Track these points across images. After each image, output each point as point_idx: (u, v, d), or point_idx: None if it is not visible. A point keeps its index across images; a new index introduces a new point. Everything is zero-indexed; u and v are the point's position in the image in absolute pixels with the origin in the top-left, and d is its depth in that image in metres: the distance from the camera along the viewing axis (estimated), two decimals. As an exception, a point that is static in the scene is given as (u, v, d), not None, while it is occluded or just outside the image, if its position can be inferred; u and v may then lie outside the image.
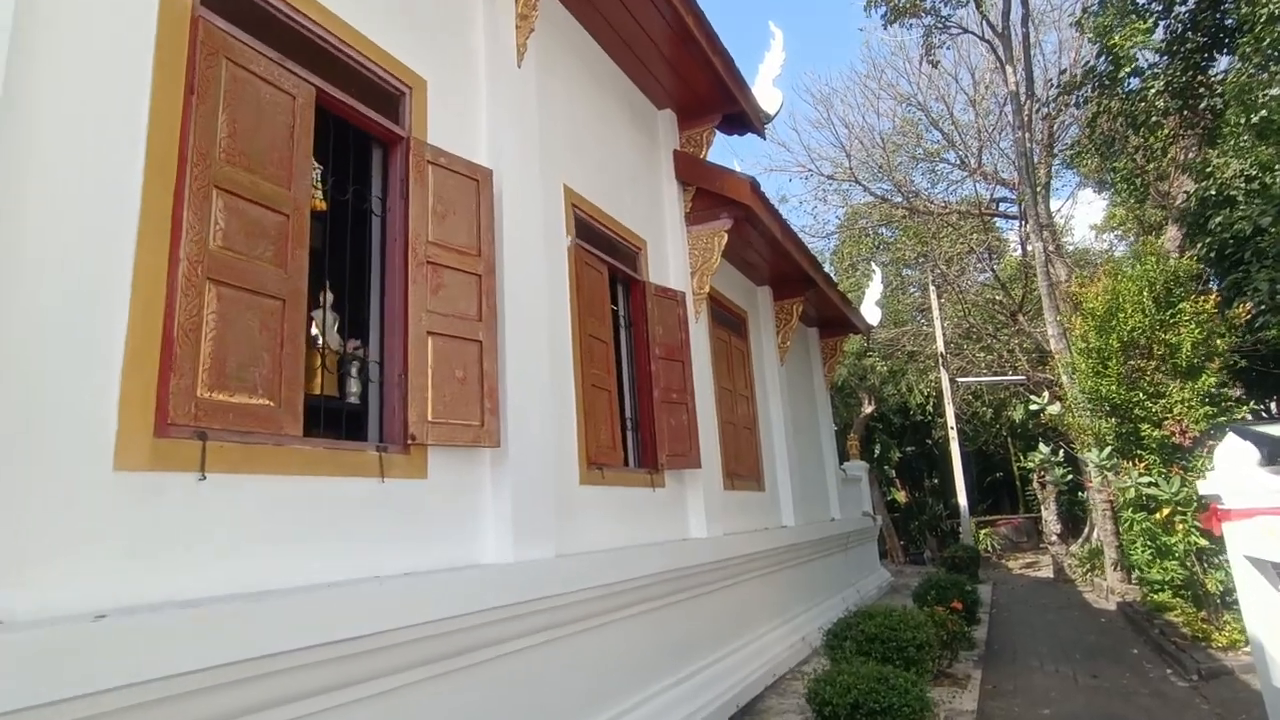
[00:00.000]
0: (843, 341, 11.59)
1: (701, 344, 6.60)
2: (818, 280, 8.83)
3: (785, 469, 8.56)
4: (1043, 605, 10.19)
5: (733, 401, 7.60)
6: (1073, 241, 22.75)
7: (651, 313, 5.87)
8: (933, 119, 18.47)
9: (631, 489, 5.20)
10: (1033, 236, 10.78)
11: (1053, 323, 10.27)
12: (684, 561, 5.27)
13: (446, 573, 3.20)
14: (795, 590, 7.98)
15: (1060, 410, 7.22)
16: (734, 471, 7.22)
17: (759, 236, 7.30)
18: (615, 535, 4.83)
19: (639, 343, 5.88)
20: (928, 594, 7.22)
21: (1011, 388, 17.85)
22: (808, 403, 10.73)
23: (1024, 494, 22.71)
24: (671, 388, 5.86)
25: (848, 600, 9.67)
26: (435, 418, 3.40)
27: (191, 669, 2.04)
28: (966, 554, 11.10)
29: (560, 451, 4.41)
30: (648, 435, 5.68)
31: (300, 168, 3.01)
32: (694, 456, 5.90)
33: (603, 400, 5.06)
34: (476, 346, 3.70)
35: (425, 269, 3.53)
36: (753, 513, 7.49)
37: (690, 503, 6.03)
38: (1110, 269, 10.75)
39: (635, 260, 5.99)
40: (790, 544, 7.86)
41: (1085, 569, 11.69)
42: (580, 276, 5.00)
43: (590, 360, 4.97)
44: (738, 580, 6.39)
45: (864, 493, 13.02)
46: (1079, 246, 23.26)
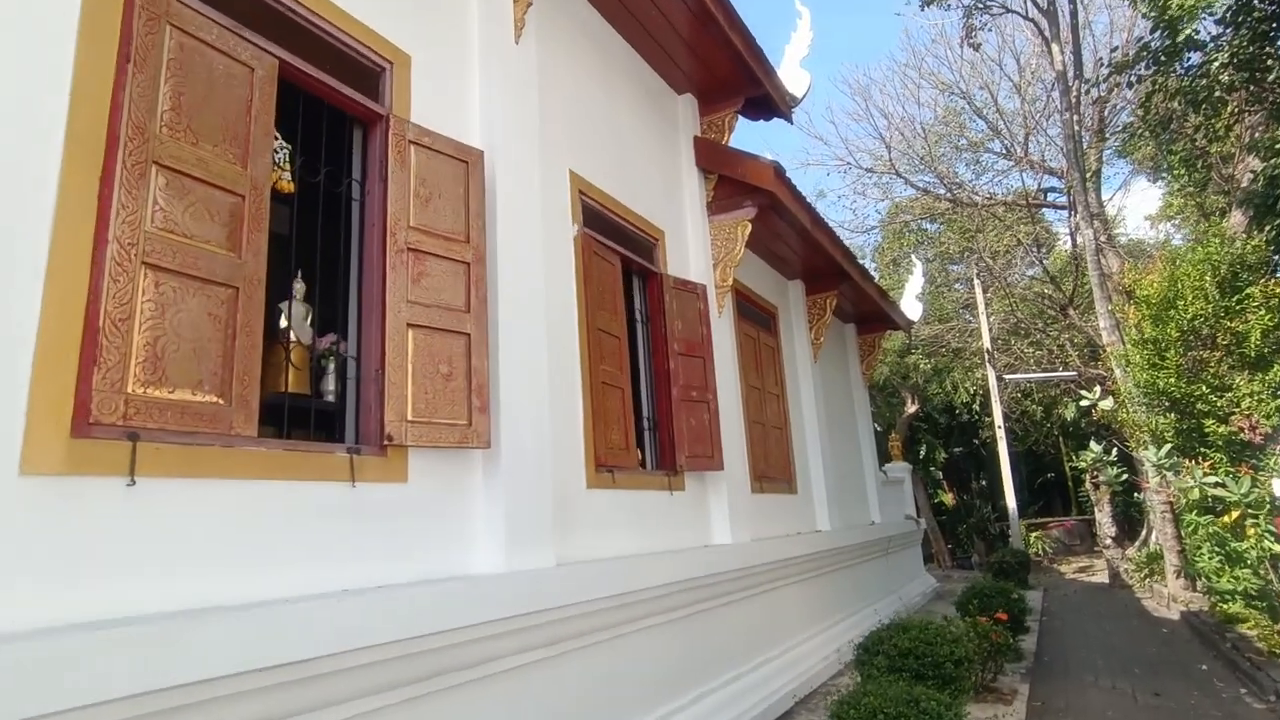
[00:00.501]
0: (881, 338, 11.09)
1: (725, 339, 6.25)
2: (852, 273, 8.40)
3: (820, 471, 8.15)
4: (1097, 613, 9.55)
5: (761, 400, 7.22)
6: (1125, 233, 21.71)
7: (669, 306, 5.54)
8: (976, 108, 17.76)
9: (646, 493, 4.88)
10: (1082, 225, 10.14)
11: (1104, 314, 9.64)
12: (705, 570, 4.93)
13: (424, 585, 2.92)
14: (831, 598, 7.56)
15: (1113, 406, 6.68)
16: (763, 474, 6.84)
17: (786, 226, 6.92)
18: (628, 542, 4.52)
19: (656, 338, 5.56)
20: (970, 602, 6.74)
21: (1062, 385, 17.02)
22: (844, 402, 10.27)
23: (1077, 495, 21.72)
24: (692, 385, 5.52)
25: (889, 608, 9.19)
26: (416, 417, 3.14)
27: (93, 701, 1.79)
28: (1015, 559, 10.49)
29: (564, 453, 4.12)
30: (666, 436, 5.36)
31: (259, 145, 2.77)
32: (716, 458, 5.56)
33: (614, 399, 4.75)
34: (464, 340, 3.43)
35: (405, 256, 3.27)
36: (784, 517, 7.10)
37: (713, 507, 5.68)
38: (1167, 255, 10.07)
39: (651, 251, 5.67)
40: (825, 549, 7.45)
41: (1143, 574, 10.97)
42: (588, 267, 4.70)
43: (600, 356, 4.67)
44: (767, 588, 6.02)
45: (907, 495, 12.48)
46: (1132, 238, 22.19)
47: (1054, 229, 21.55)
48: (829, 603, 7.45)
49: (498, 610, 3.15)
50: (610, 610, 3.91)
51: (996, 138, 17.19)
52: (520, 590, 3.31)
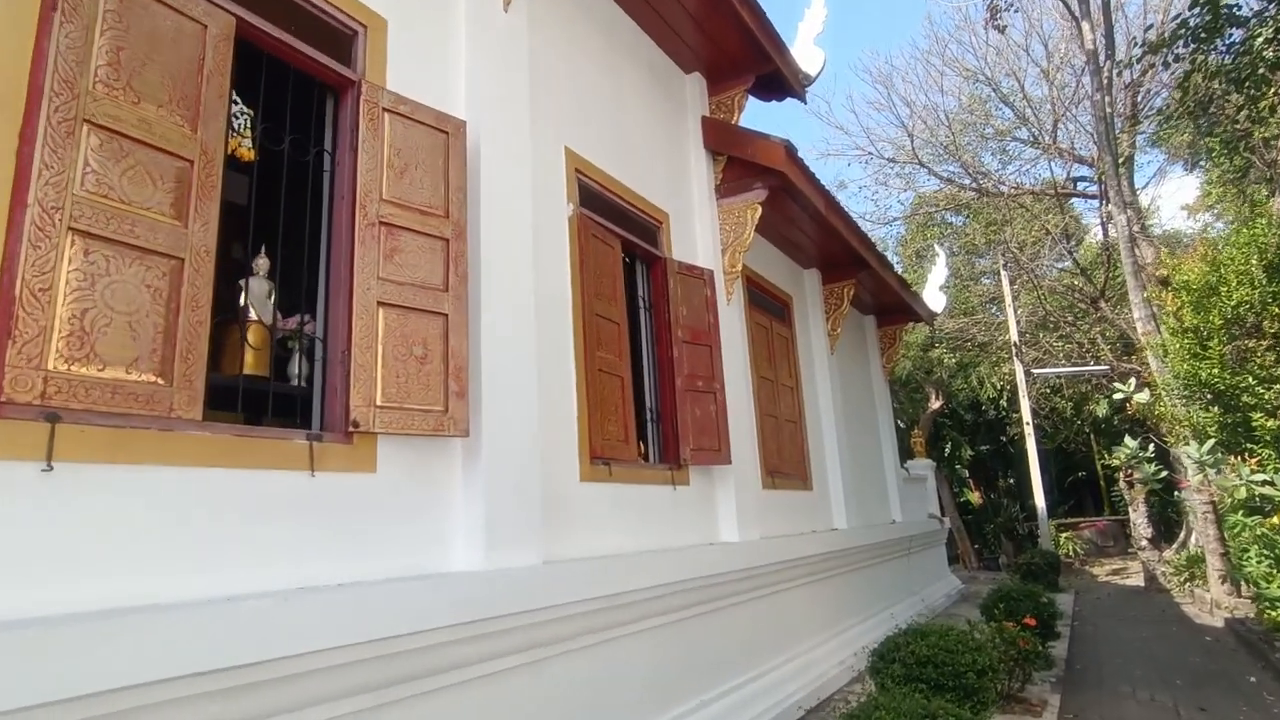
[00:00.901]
0: (903, 330, 10.72)
1: (735, 328, 5.97)
2: (870, 261, 8.07)
3: (837, 467, 7.84)
4: (1133, 618, 9.11)
5: (774, 392, 6.94)
6: (1160, 223, 21.01)
7: (674, 292, 5.29)
8: (1002, 95, 17.24)
9: (647, 487, 4.63)
10: (1115, 211, 9.69)
11: (1139, 303, 9.18)
12: (709, 569, 4.68)
13: (392, 583, 2.71)
14: (847, 600, 7.25)
15: (1150, 399, 6.28)
16: (775, 469, 6.56)
17: (800, 210, 6.62)
18: (625, 539, 4.28)
19: (660, 325, 5.30)
20: (996, 606, 6.40)
21: (1094, 380, 16.46)
22: (864, 396, 9.93)
23: (1109, 494, 21.06)
24: (697, 375, 5.26)
25: (910, 610, 8.85)
26: (386, 402, 2.92)
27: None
28: (1044, 560, 10.07)
29: (555, 444, 3.89)
30: (669, 428, 5.11)
31: (212, 108, 2.57)
32: (723, 452, 5.29)
33: (613, 388, 4.51)
34: (441, 321, 3.20)
35: (377, 230, 3.05)
36: (797, 514, 6.81)
37: (720, 503, 5.42)
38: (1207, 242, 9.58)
39: (655, 235, 5.42)
40: (841, 549, 7.15)
41: (1182, 578, 10.48)
42: (585, 249, 4.46)
43: (597, 343, 4.43)
44: (777, 589, 5.74)
45: (930, 493, 12.09)
46: (1168, 229, 21.47)
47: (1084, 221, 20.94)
48: (844, 605, 7.14)
49: (473, 611, 2.93)
50: (602, 612, 3.67)
51: (1024, 125, 16.66)
52: (499, 590, 3.08)
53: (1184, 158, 19.71)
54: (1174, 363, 6.25)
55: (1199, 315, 5.96)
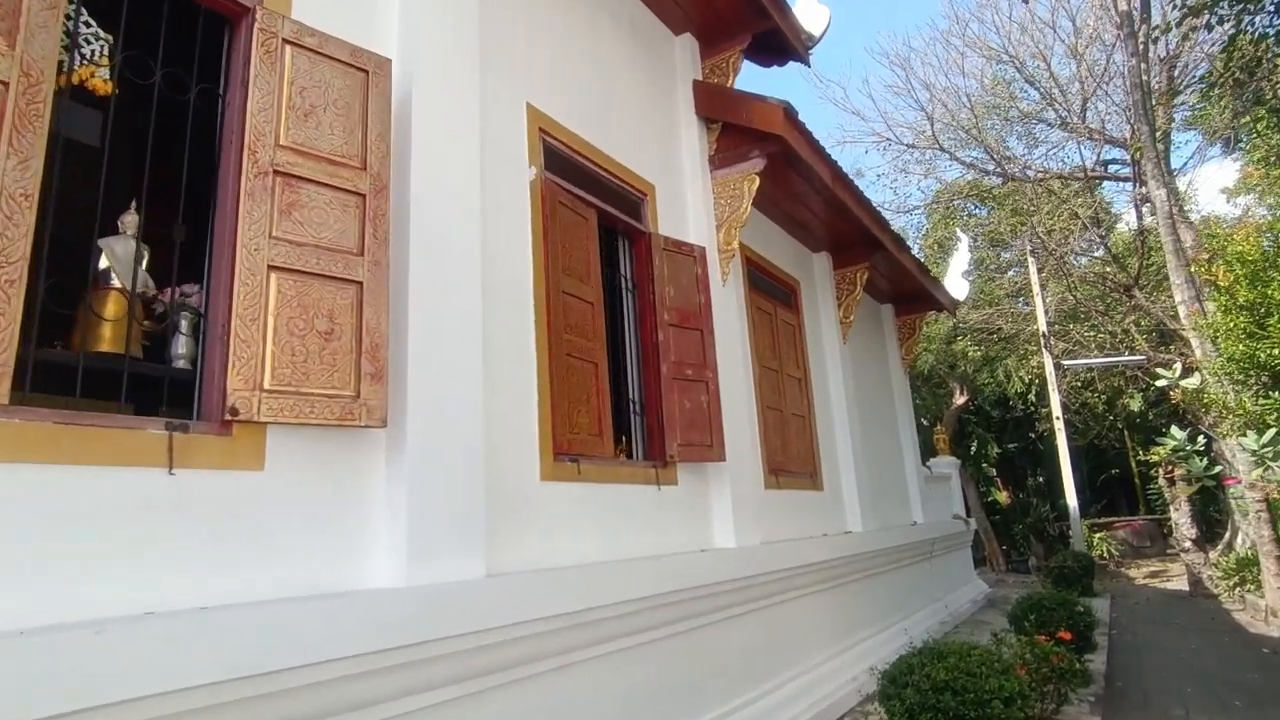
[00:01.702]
0: (922, 320, 10.07)
1: (731, 311, 5.42)
2: (884, 241, 7.46)
3: (850, 464, 7.24)
4: (1178, 627, 8.39)
5: (779, 383, 6.36)
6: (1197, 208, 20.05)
7: (660, 270, 4.75)
8: (1027, 75, 16.45)
9: (625, 487, 4.09)
10: (1152, 185, 8.97)
11: (1180, 284, 8.46)
12: (699, 579, 4.13)
13: (275, 605, 2.20)
14: (862, 609, 6.65)
15: (1200, 384, 5.64)
16: (780, 467, 5.99)
17: (803, 183, 6.05)
18: (596, 546, 3.74)
19: (644, 307, 4.77)
20: (1027, 616, 5.77)
21: (1127, 372, 15.62)
22: (881, 389, 9.31)
23: (1145, 493, 20.11)
24: (686, 362, 4.72)
25: (932, 618, 8.22)
26: (277, 385, 2.41)
27: None
28: (1078, 563, 9.36)
29: (508, 438, 3.37)
30: (654, 421, 4.57)
31: (37, 21, 2.08)
32: (716, 447, 4.74)
33: (584, 376, 3.98)
34: (354, 290, 2.69)
35: (270, 180, 2.55)
36: (806, 516, 6.23)
37: (715, 505, 4.87)
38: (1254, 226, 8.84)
39: (639, 208, 4.88)
40: (855, 553, 6.55)
41: (1231, 582, 9.71)
42: (550, 218, 3.93)
43: (566, 324, 3.91)
44: (781, 600, 5.17)
45: (954, 493, 11.41)
46: (1205, 214, 20.50)
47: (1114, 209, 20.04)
48: (858, 615, 6.54)
49: (390, 636, 2.42)
50: (562, 633, 3.14)
51: (1050, 106, 15.86)
52: (426, 610, 2.57)
53: (1223, 137, 18.78)
54: (1226, 344, 5.59)
55: (1255, 290, 5.31)
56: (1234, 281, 5.51)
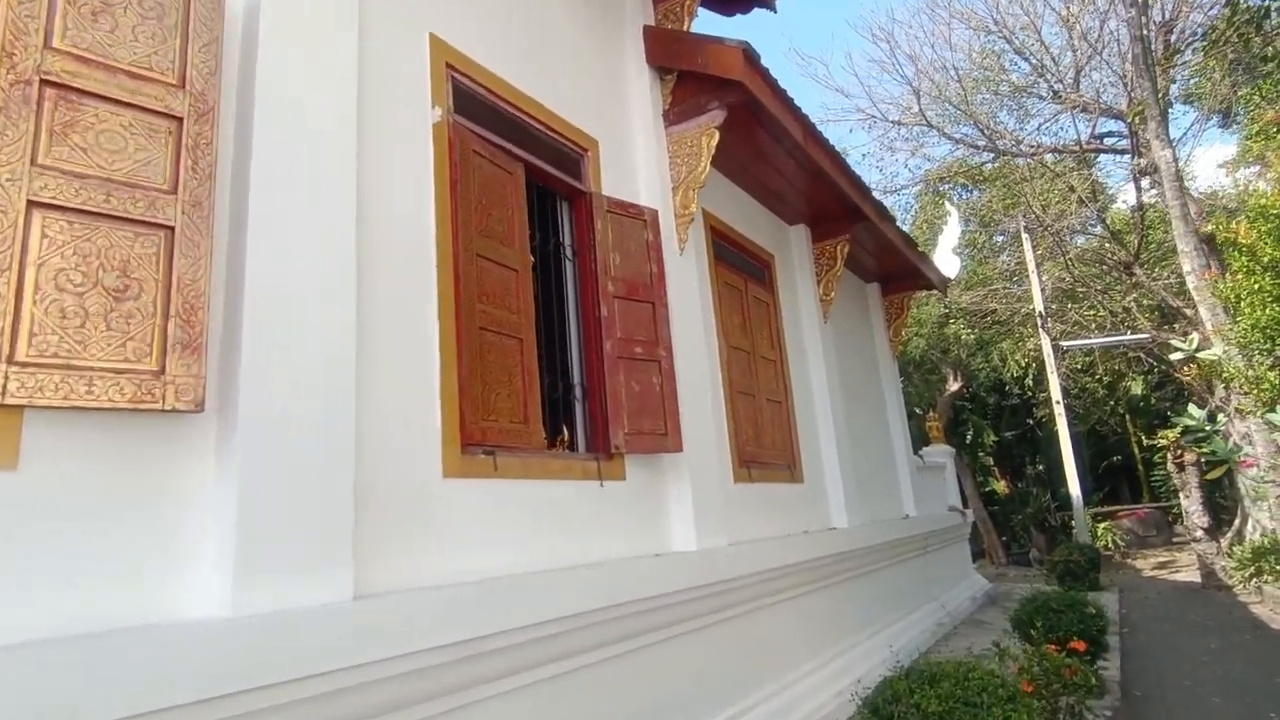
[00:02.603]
0: (910, 299, 9.48)
1: (691, 283, 4.83)
2: (866, 211, 6.87)
3: (834, 454, 6.65)
4: (1195, 624, 7.82)
5: (751, 366, 5.77)
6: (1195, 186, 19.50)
7: (602, 235, 4.16)
8: (1017, 47, 15.86)
9: (558, 483, 3.50)
10: (1155, 145, 8.39)
11: (1188, 252, 7.88)
12: (646, 589, 3.54)
13: (41, 646, 1.61)
14: (848, 613, 6.07)
15: (1221, 354, 5.04)
16: (753, 458, 5.40)
17: (771, 141, 5.45)
18: (519, 555, 3.16)
19: (584, 276, 4.18)
20: (1033, 621, 5.18)
21: (1128, 353, 15.06)
22: (868, 373, 8.72)
23: (1149, 480, 19.56)
24: (634, 338, 4.13)
25: (928, 619, 7.65)
26: (40, 356, 1.84)
27: None
28: (1083, 557, 8.78)
29: (398, 424, 2.78)
30: (596, 406, 3.98)
31: None
32: (671, 436, 4.15)
33: (506, 354, 3.38)
34: (161, 237, 2.10)
35: (35, 91, 1.95)
36: (783, 512, 5.65)
37: (673, 502, 4.28)
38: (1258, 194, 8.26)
39: (578, 165, 4.29)
40: (840, 551, 5.97)
41: (1247, 573, 9.15)
42: (462, 170, 3.34)
43: (481, 293, 3.31)
44: (753, 607, 4.59)
45: (949, 483, 10.83)
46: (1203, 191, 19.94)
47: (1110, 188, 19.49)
48: (844, 620, 5.96)
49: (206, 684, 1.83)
50: (454, 666, 2.55)
51: (1042, 78, 15.27)
52: (250, 647, 1.97)
53: (1220, 110, 18.23)
54: (1248, 310, 5.03)
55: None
56: (1257, 239, 4.93)
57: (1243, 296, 5.15)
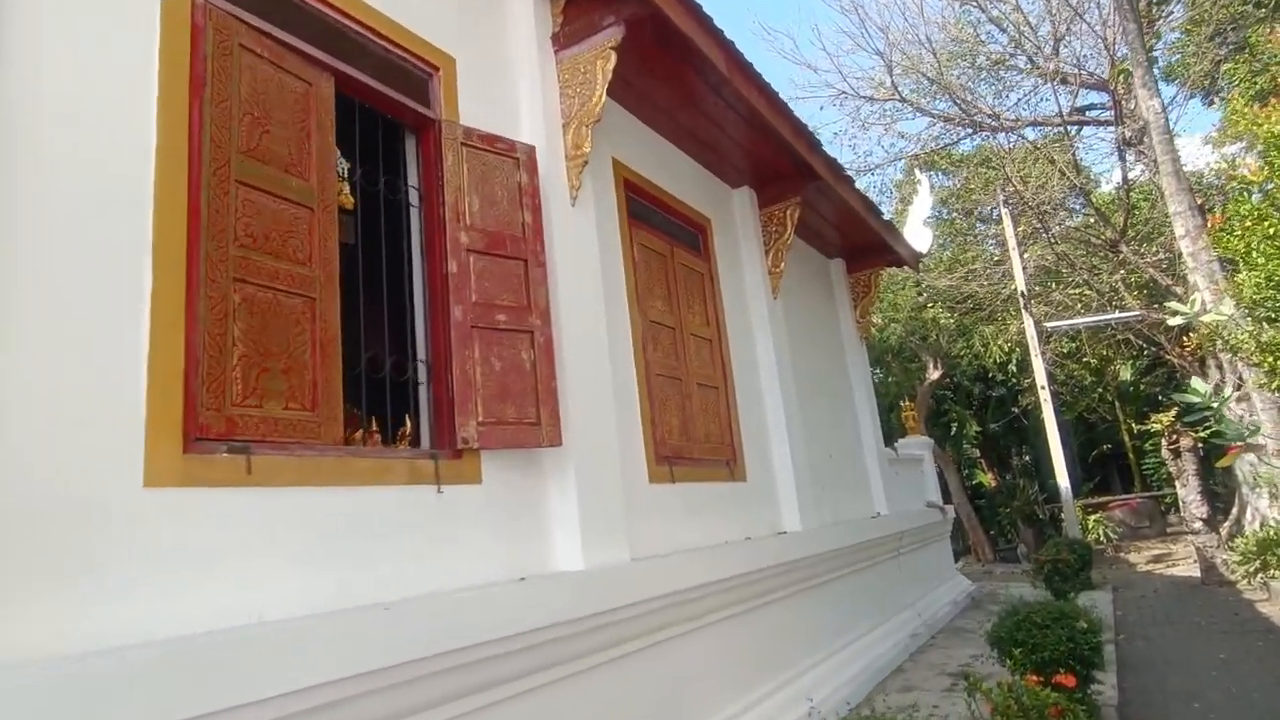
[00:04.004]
0: (878, 275, 8.62)
1: (586, 240, 3.94)
2: (817, 168, 6.00)
3: (786, 448, 5.78)
4: (1198, 627, 7.01)
5: (678, 345, 4.90)
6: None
7: (454, 173, 3.27)
8: (994, 17, 15.07)
9: (367, 491, 2.61)
10: (1142, 96, 7.59)
11: (1181, 213, 7.06)
12: (490, 628, 2.65)
13: None
14: (803, 631, 5.21)
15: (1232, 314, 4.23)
16: (678, 453, 4.53)
17: (693, 74, 4.58)
18: (291, 589, 2.27)
19: (430, 225, 3.29)
20: (1014, 641, 4.32)
21: (1117, 335, 14.28)
22: (832, 358, 7.87)
23: (1140, 468, 18.84)
24: (496, 303, 3.24)
25: (901, 630, 6.80)
26: None
27: None
28: (1073, 554, 7.94)
29: (76, 414, 1.88)
30: (441, 389, 3.08)
31: None
32: (546, 426, 3.26)
33: (284, 316, 2.50)
34: None
35: None
36: (717, 517, 4.78)
37: (556, 510, 3.40)
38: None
39: (425, 88, 3.40)
40: (790, 560, 5.11)
41: (1252, 567, 8.35)
42: (215, 66, 2.44)
43: (245, 235, 2.43)
44: (662, 637, 3.72)
45: (928, 477, 10.00)
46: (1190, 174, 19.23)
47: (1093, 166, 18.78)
48: (797, 640, 5.09)
49: None
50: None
51: (1020, 49, 14.49)
52: None
53: (1202, 88, 17.56)
54: (1262, 261, 4.20)
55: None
56: (1270, 175, 4.09)
57: (1254, 246, 4.33)
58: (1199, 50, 15.74)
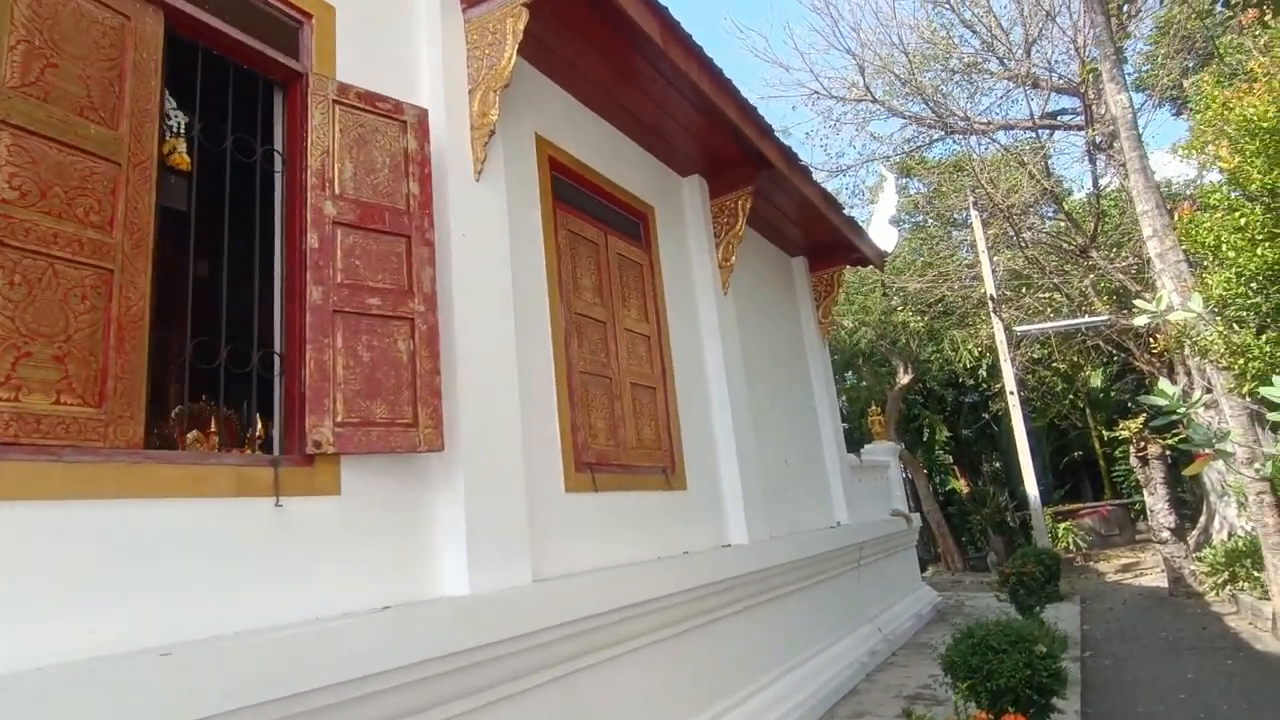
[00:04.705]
0: (840, 274, 8.25)
1: (492, 219, 3.51)
2: (770, 156, 5.61)
3: (733, 454, 5.38)
4: (1168, 644, 6.69)
5: (609, 340, 4.47)
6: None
7: (321, 132, 2.82)
8: (965, 21, 14.86)
9: (178, 504, 2.15)
10: (1110, 90, 7.29)
11: (1149, 211, 6.77)
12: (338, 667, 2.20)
13: None
14: (745, 652, 4.79)
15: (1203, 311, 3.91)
16: (602, 459, 4.10)
17: (627, 45, 4.16)
18: (77, 632, 1.80)
19: (291, 193, 2.83)
20: (968, 666, 3.93)
21: (1088, 341, 14.08)
22: (792, 360, 7.49)
23: (1110, 475, 18.69)
24: (368, 285, 2.79)
25: (859, 646, 6.41)
26: None
27: None
28: (1040, 565, 7.58)
29: None
30: (294, 382, 2.62)
31: None
32: (425, 427, 2.81)
33: (63, 291, 2.04)
34: None
35: None
36: (650, 529, 4.35)
37: (444, 524, 2.95)
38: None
39: (294, 38, 2.95)
40: (734, 575, 4.70)
41: (1220, 579, 8.08)
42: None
43: (10, 190, 1.96)
44: (570, 669, 3.27)
45: (893, 484, 9.65)
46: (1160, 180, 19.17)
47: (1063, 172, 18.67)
48: (740, 663, 4.67)
49: None
50: None
51: (992, 53, 14.28)
52: None
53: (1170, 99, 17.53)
54: (1236, 254, 3.86)
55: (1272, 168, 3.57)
56: (1242, 163, 3.75)
57: (1223, 239, 3.99)
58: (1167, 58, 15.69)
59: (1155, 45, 16.58)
